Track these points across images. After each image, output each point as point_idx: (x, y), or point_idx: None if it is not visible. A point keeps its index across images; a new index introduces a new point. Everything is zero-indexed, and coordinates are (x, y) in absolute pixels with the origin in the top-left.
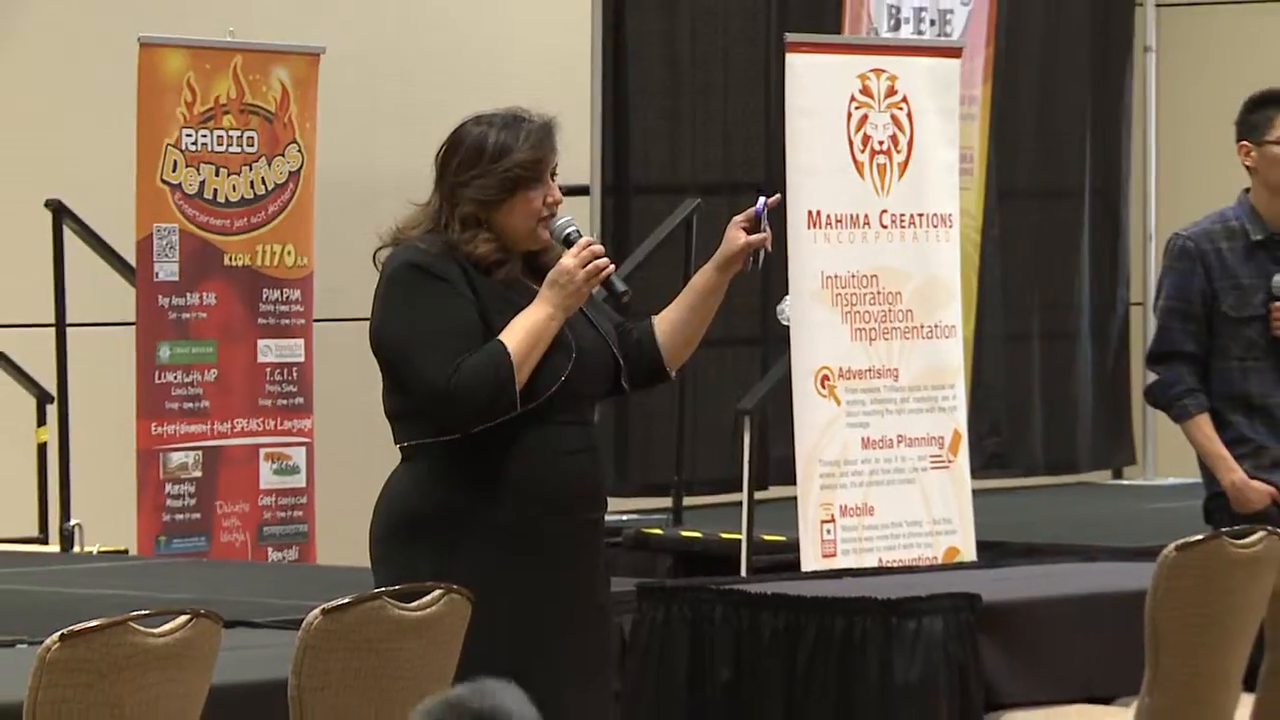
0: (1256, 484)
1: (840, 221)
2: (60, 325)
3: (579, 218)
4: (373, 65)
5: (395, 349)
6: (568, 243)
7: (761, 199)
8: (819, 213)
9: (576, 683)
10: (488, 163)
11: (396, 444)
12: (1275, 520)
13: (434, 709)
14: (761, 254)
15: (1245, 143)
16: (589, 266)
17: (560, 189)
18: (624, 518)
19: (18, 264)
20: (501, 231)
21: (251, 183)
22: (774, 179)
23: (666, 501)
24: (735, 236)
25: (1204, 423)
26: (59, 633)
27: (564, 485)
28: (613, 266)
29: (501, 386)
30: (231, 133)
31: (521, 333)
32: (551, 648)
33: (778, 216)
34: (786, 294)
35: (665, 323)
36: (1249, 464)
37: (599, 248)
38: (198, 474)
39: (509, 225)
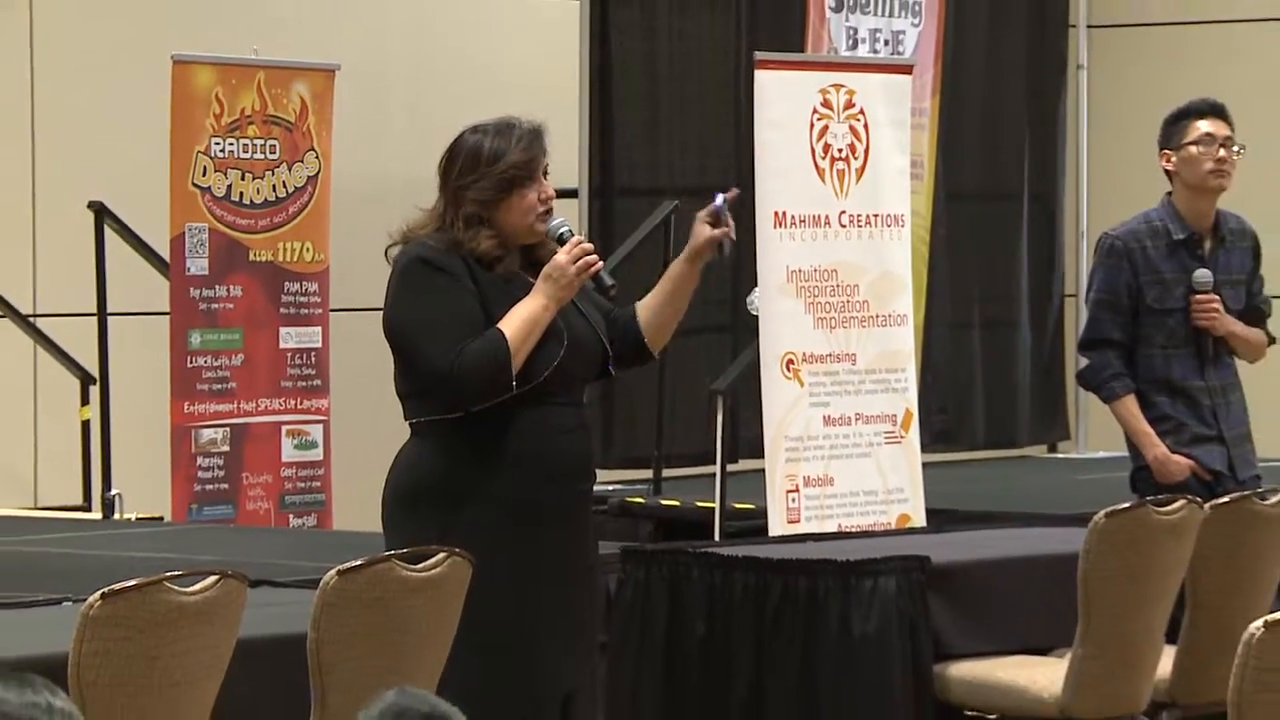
0: (1177, 458)
1: (803, 221)
2: (101, 314)
3: (569, 218)
4: (383, 81)
5: (404, 335)
6: (561, 241)
7: (720, 195)
8: (784, 213)
9: (568, 635)
10: (484, 166)
11: (406, 420)
12: (1195, 490)
13: (374, 713)
14: (727, 245)
15: (1166, 151)
16: (580, 262)
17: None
18: (610, 488)
19: (63, 260)
20: (501, 228)
21: (274, 186)
22: (744, 183)
23: (648, 473)
24: (700, 231)
25: (1130, 403)
26: (100, 591)
27: (557, 459)
28: (601, 263)
29: (498, 370)
30: (256, 141)
31: (518, 321)
32: (546, 604)
33: (747, 214)
34: (755, 286)
35: (646, 309)
36: (1171, 440)
37: (589, 245)
38: (226, 449)
39: (508, 222)
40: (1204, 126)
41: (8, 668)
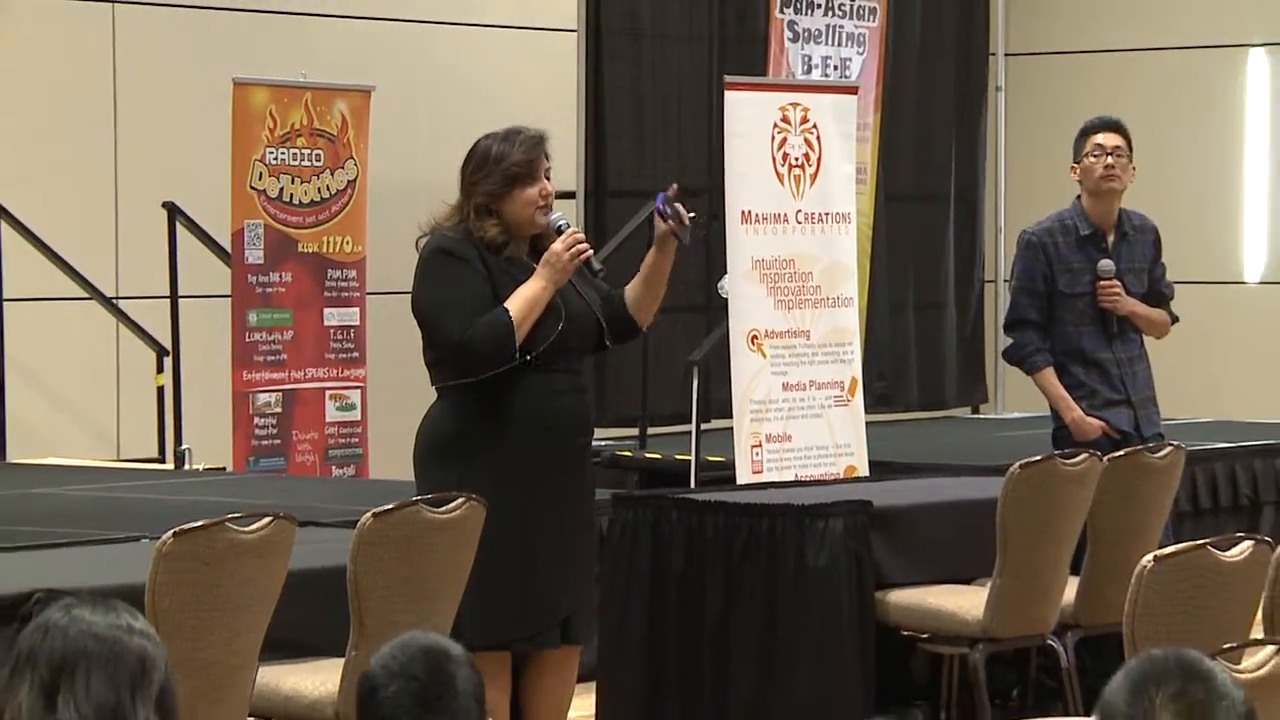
0: (1091, 420)
1: (765, 218)
2: (173, 296)
3: (568, 216)
4: (410, 100)
5: (426, 313)
6: (559, 232)
7: (660, 195)
8: (749, 211)
9: (568, 566)
10: (492, 164)
11: (432, 385)
12: (1106, 447)
13: (385, 651)
14: (683, 234)
15: (1073, 164)
16: (572, 250)
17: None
18: (602, 443)
19: (142, 251)
20: (506, 219)
21: (319, 189)
22: (715, 186)
23: (634, 431)
24: (658, 226)
25: (1049, 374)
26: (172, 530)
27: (558, 417)
28: (591, 250)
29: (503, 342)
30: (303, 151)
31: (521, 300)
32: (550, 541)
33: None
34: (725, 273)
35: (631, 291)
36: (1085, 404)
37: (581, 235)
38: (278, 410)
39: (511, 213)
40: (1097, 139)
41: (94, 595)
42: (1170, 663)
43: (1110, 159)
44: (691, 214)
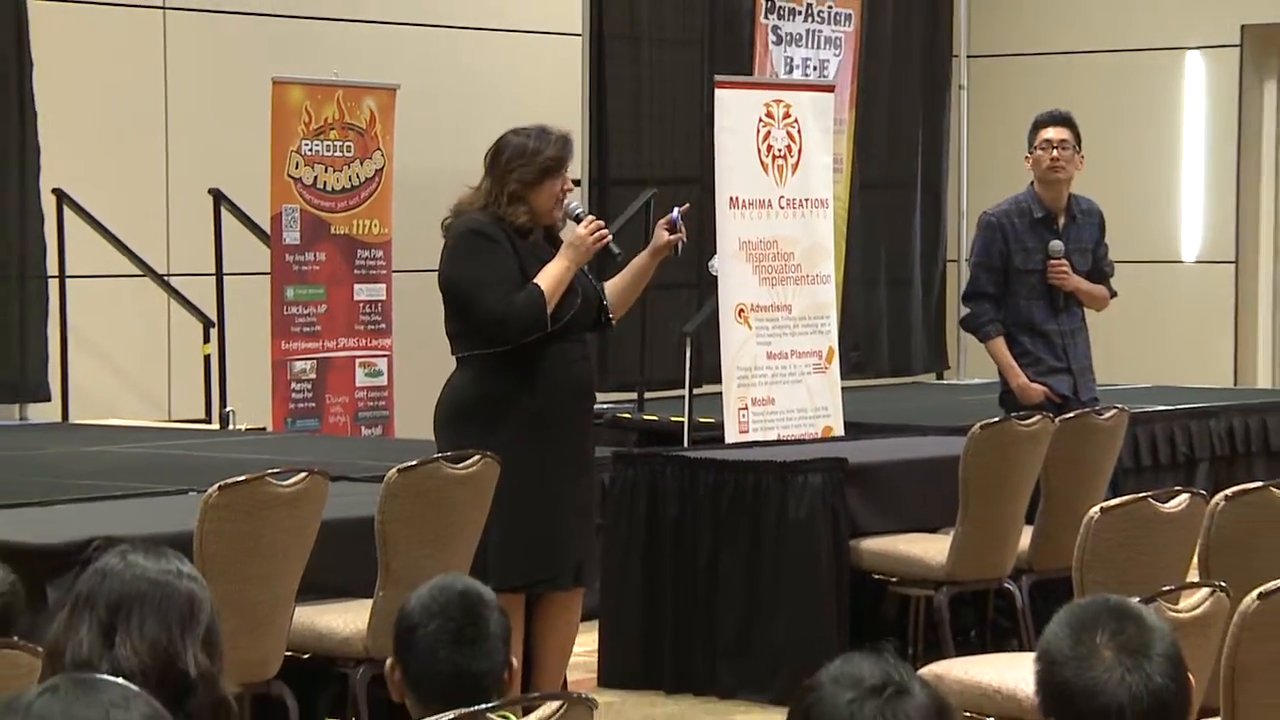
0: (1035, 385)
1: (751, 204)
2: (218, 274)
3: (575, 198)
4: (432, 97)
5: (463, 288)
6: (577, 219)
7: (676, 209)
8: (737, 197)
9: (577, 517)
10: (530, 157)
11: (453, 354)
12: (1046, 410)
13: (425, 591)
14: (680, 246)
15: (1027, 154)
16: (595, 235)
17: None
18: (604, 406)
19: (191, 233)
20: (533, 207)
21: (349, 177)
22: (706, 175)
23: (633, 395)
24: (660, 235)
25: (1000, 343)
26: (218, 484)
27: (568, 382)
28: (610, 235)
29: (538, 315)
30: (335, 143)
31: (549, 279)
32: (559, 493)
33: (708, 200)
34: (715, 253)
35: (612, 286)
36: (1030, 370)
37: (601, 222)
38: (313, 376)
39: (538, 202)
40: (1046, 134)
41: (147, 542)
42: (1098, 608)
43: (1056, 152)
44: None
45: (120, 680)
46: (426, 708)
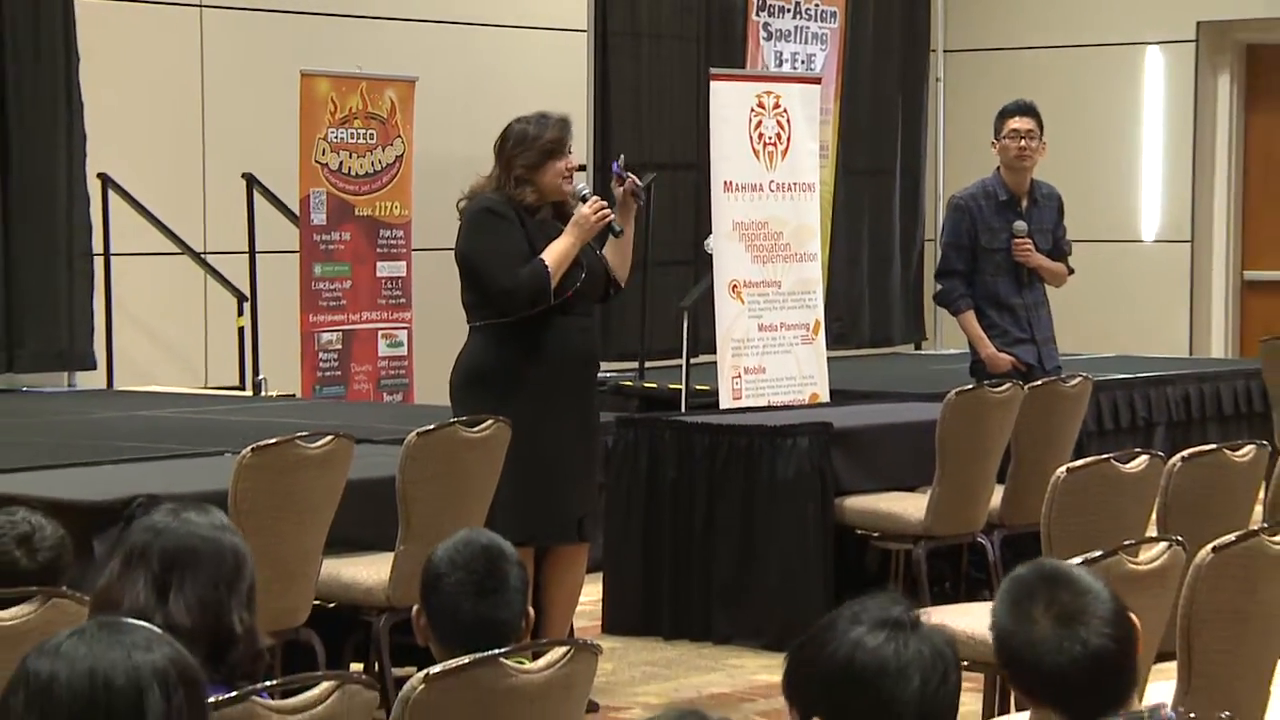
0: (1002, 355)
1: (744, 188)
2: (251, 252)
3: (582, 181)
4: (448, 88)
5: (477, 263)
6: (583, 199)
7: (614, 162)
8: (731, 182)
9: (581, 476)
10: (530, 142)
11: (468, 323)
12: (1013, 378)
13: (450, 544)
14: (642, 195)
15: (994, 141)
16: (598, 214)
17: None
18: (608, 374)
19: (225, 214)
20: (540, 187)
21: (372, 163)
22: (702, 161)
23: (634, 364)
24: (618, 193)
25: (970, 316)
26: (251, 446)
27: (574, 351)
28: (612, 214)
29: (542, 288)
30: (359, 131)
31: (555, 254)
32: (567, 454)
33: (705, 185)
34: (710, 233)
35: (608, 255)
36: (998, 342)
37: (604, 202)
38: (339, 347)
39: (544, 182)
40: (1013, 123)
41: (190, 499)
42: (1034, 578)
43: (1024, 141)
44: (642, 180)
45: (147, 624)
46: (449, 652)
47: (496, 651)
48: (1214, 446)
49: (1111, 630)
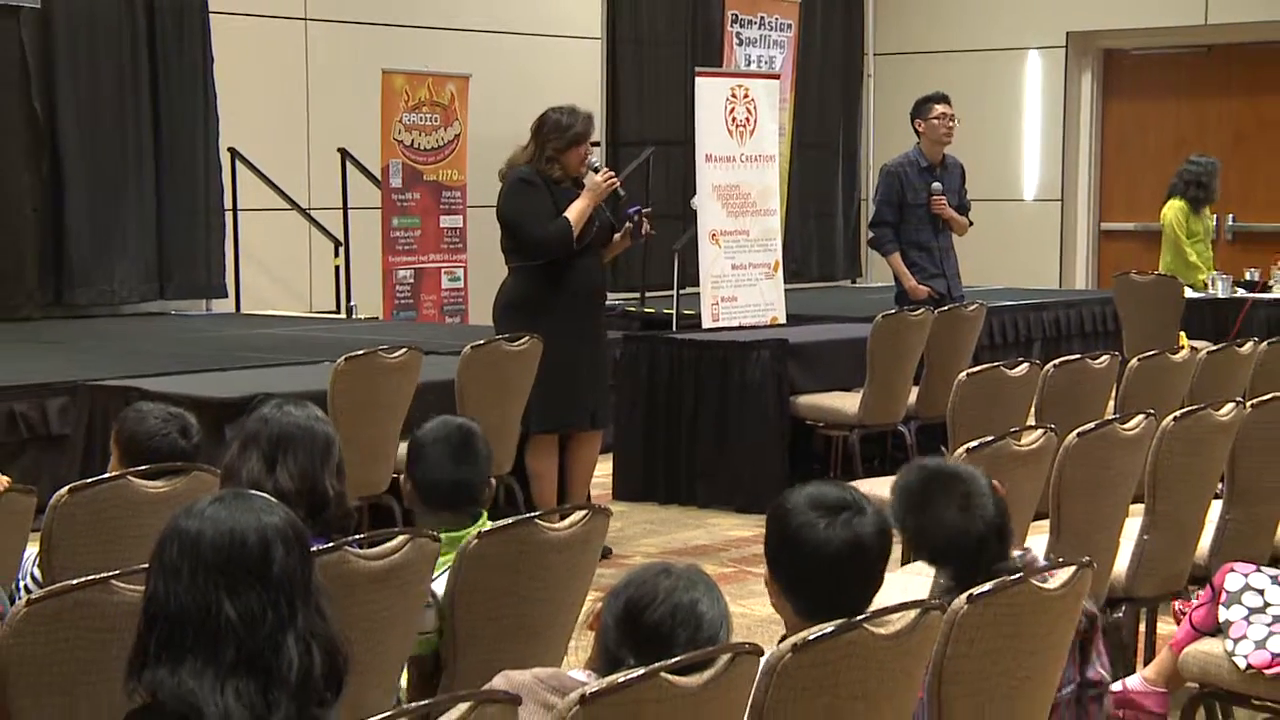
0: (922, 287)
1: (721, 159)
2: (345, 208)
3: (596, 156)
4: (494, 83)
5: (513, 219)
6: (595, 170)
7: (635, 205)
8: (711, 154)
9: (595, 378)
10: (563, 130)
11: (507, 265)
12: (930, 304)
13: (431, 425)
14: (641, 243)
15: (917, 120)
16: (607, 181)
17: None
18: (616, 302)
19: (325, 179)
20: (565, 165)
21: (436, 140)
22: (689, 138)
23: (637, 294)
24: (624, 238)
25: (897, 257)
26: (344, 356)
27: (588, 286)
28: (619, 181)
29: (565, 239)
30: (426, 115)
31: (575, 213)
32: (583, 363)
33: (690, 155)
34: (695, 193)
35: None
36: (918, 276)
37: (612, 172)
38: (412, 281)
39: (568, 162)
40: (941, 108)
41: (295, 397)
42: (927, 478)
43: (950, 123)
44: (652, 232)
45: (267, 495)
46: (431, 510)
47: (533, 514)
48: (1078, 356)
49: (995, 502)
